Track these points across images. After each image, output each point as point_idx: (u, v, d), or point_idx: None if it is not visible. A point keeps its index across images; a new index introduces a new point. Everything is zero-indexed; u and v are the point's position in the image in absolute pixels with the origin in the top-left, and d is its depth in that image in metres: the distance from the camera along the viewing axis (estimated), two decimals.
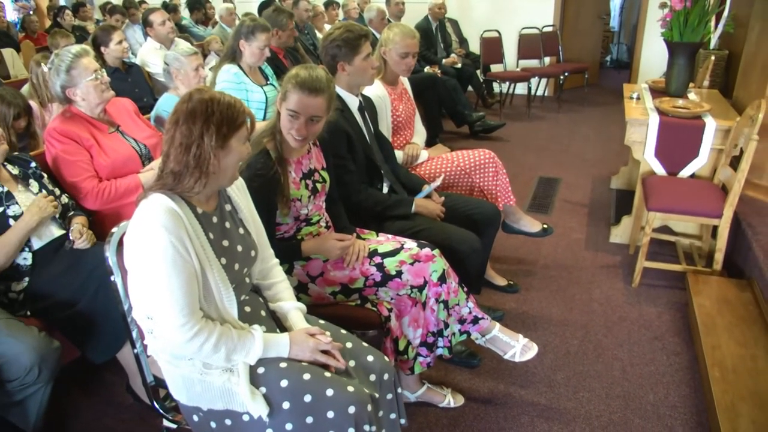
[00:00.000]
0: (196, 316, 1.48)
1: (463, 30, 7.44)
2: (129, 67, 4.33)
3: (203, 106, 1.46)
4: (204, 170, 1.48)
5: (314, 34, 6.16)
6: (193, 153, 1.45)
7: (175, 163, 1.47)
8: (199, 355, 1.51)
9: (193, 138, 1.45)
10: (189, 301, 1.46)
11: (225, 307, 1.57)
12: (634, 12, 9.30)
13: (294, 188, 2.05)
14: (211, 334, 1.49)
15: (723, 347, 2.45)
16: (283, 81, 1.98)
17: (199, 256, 1.50)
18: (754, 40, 3.64)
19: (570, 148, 5.73)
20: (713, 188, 3.12)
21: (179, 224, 1.46)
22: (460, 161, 3.00)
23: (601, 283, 3.23)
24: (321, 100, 1.94)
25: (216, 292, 1.55)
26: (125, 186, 2.50)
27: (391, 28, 2.91)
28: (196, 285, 1.49)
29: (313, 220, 2.18)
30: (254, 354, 1.55)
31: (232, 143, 1.50)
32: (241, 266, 1.66)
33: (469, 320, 2.25)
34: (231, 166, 1.54)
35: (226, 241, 1.62)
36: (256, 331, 1.58)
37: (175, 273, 1.43)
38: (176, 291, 1.44)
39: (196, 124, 1.45)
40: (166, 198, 1.48)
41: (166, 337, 1.49)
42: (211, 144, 1.46)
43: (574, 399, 2.38)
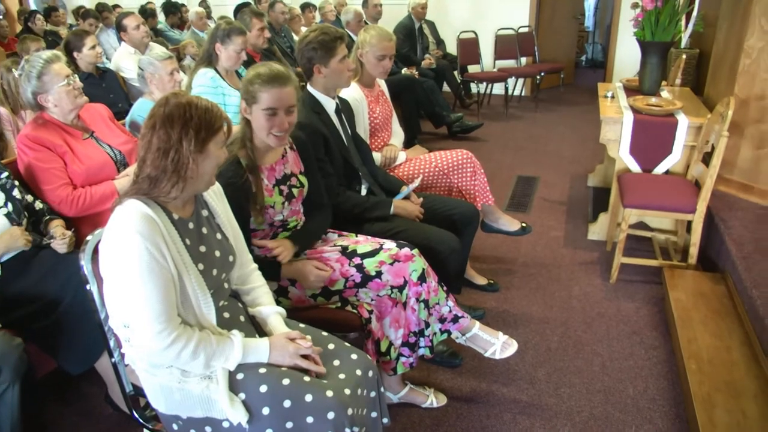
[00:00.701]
0: (173, 323, 1.47)
1: (440, 31, 7.47)
2: (103, 73, 4.29)
3: (181, 111, 1.45)
4: (182, 175, 1.47)
5: (291, 37, 6.15)
6: (171, 158, 1.44)
7: (152, 168, 1.46)
8: (178, 363, 1.50)
9: (172, 143, 1.44)
10: (166, 308, 1.45)
11: (203, 312, 1.56)
12: (608, 12, 9.43)
13: (267, 195, 2.05)
14: (190, 341, 1.48)
15: (699, 340, 2.49)
16: (243, 87, 1.98)
17: (175, 261, 1.49)
18: (723, 39, 3.71)
19: (547, 147, 5.79)
20: (687, 184, 3.18)
21: (155, 230, 1.45)
22: (438, 162, 3.02)
23: (580, 279, 3.27)
24: (291, 88, 1.96)
25: (194, 298, 1.53)
26: (100, 193, 2.47)
27: (368, 30, 2.91)
28: (173, 291, 1.48)
29: (290, 225, 2.17)
30: (233, 360, 1.54)
31: (210, 148, 1.49)
32: (219, 271, 1.65)
33: (449, 319, 2.26)
34: (209, 170, 1.53)
35: (203, 247, 1.61)
36: (235, 337, 1.57)
37: (151, 279, 1.42)
38: (153, 298, 1.42)
39: (174, 129, 1.44)
40: (142, 204, 1.47)
41: (144, 345, 1.47)
42: (189, 148, 1.44)
43: (556, 395, 2.40)
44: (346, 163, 2.56)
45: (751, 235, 2.95)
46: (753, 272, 2.63)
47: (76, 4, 8.57)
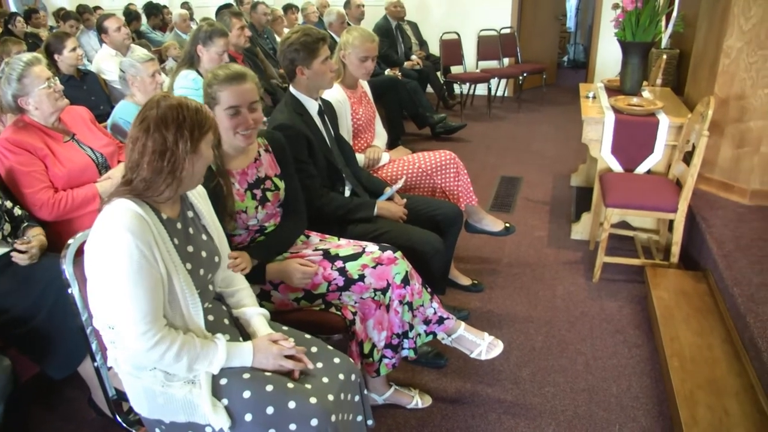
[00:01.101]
0: (158, 324, 1.46)
1: (423, 32, 7.49)
2: (84, 75, 4.24)
3: (174, 113, 1.46)
4: (177, 175, 1.48)
5: (273, 39, 6.13)
6: (168, 159, 1.45)
7: (148, 171, 1.46)
8: (161, 364, 1.49)
9: (168, 145, 1.45)
10: (152, 309, 1.44)
11: (191, 313, 1.56)
12: (590, 13, 9.50)
13: (238, 200, 2.03)
14: (173, 343, 1.47)
15: (681, 338, 2.52)
16: (204, 90, 1.96)
17: (165, 261, 1.48)
18: (702, 39, 3.75)
19: (530, 147, 5.82)
20: (668, 183, 3.21)
21: (145, 229, 1.45)
22: (422, 163, 3.02)
23: (564, 279, 3.29)
24: (250, 84, 1.96)
25: (182, 298, 1.53)
26: (82, 196, 2.45)
27: (350, 31, 2.91)
28: (161, 292, 1.47)
29: (267, 230, 2.16)
30: (217, 363, 1.53)
31: (202, 147, 1.51)
32: (205, 272, 1.65)
33: (434, 321, 2.26)
34: (201, 170, 1.56)
35: (190, 247, 1.61)
36: (219, 341, 1.56)
37: (140, 279, 1.41)
38: (140, 298, 1.41)
39: (169, 131, 1.45)
40: (131, 203, 1.46)
41: (128, 346, 1.46)
42: (185, 149, 1.46)
43: (540, 394, 2.41)
44: (329, 165, 2.55)
45: (732, 233, 2.99)
46: (734, 270, 2.66)
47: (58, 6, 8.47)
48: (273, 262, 2.11)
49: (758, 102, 3.16)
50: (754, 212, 3.21)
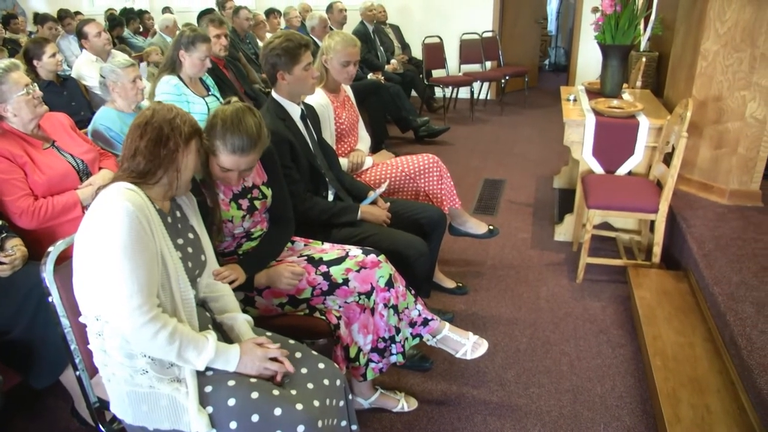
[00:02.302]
0: (152, 301, 1.48)
1: (405, 36, 7.53)
2: (64, 81, 4.20)
3: (167, 110, 1.59)
4: (173, 164, 1.57)
5: (256, 43, 6.12)
6: (164, 144, 1.55)
7: (145, 157, 1.54)
8: (154, 344, 1.47)
9: (164, 132, 1.54)
10: (148, 282, 1.46)
11: (182, 298, 1.58)
12: (570, 16, 9.59)
13: (223, 209, 2.03)
14: (167, 324, 1.48)
15: (663, 337, 2.54)
16: (209, 130, 1.86)
17: (159, 242, 1.52)
18: (680, 42, 3.81)
19: (513, 149, 5.86)
20: (649, 184, 3.24)
21: (144, 206, 1.50)
22: (405, 166, 3.03)
23: (547, 280, 3.31)
24: (253, 155, 1.90)
25: (174, 282, 1.56)
26: (63, 203, 2.42)
27: (332, 36, 2.91)
28: (156, 268, 1.50)
29: (254, 235, 2.16)
30: (206, 356, 1.53)
31: (192, 145, 1.61)
32: (193, 266, 1.68)
33: (419, 323, 2.27)
34: (190, 167, 1.63)
35: (180, 240, 1.66)
36: (209, 335, 1.58)
37: (139, 249, 1.44)
38: (138, 269, 1.43)
39: (165, 122, 1.56)
40: (129, 184, 1.53)
41: (121, 324, 1.45)
42: (180, 139, 1.56)
43: (525, 395, 2.43)
44: (312, 169, 2.55)
45: (711, 233, 3.03)
46: (714, 269, 2.69)
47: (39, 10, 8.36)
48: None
49: (735, 103, 3.21)
50: (733, 212, 3.25)
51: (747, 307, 2.39)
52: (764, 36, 3.04)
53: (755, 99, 3.15)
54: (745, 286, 2.54)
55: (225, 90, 4.19)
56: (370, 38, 6.65)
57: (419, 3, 7.94)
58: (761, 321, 2.29)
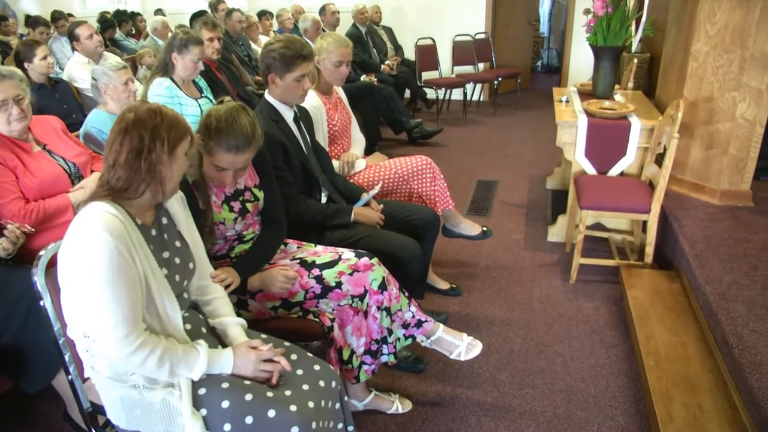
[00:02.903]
0: (138, 328, 1.44)
1: (398, 38, 7.54)
2: (55, 83, 4.18)
3: (150, 114, 1.48)
4: (155, 177, 1.48)
5: (248, 45, 6.11)
6: (145, 157, 1.45)
7: (125, 170, 1.46)
8: (143, 370, 1.47)
9: (145, 143, 1.45)
10: (132, 312, 1.42)
11: (169, 317, 1.55)
12: (562, 18, 9.63)
13: (216, 212, 2.02)
14: (156, 348, 1.45)
15: (656, 336, 2.56)
16: (203, 130, 1.88)
17: (142, 264, 1.47)
18: (671, 44, 3.83)
19: (506, 150, 5.88)
20: (641, 185, 3.26)
21: (123, 231, 1.44)
22: (398, 168, 3.03)
23: (541, 281, 3.32)
24: (248, 153, 1.91)
25: (159, 302, 1.52)
26: (54, 206, 2.41)
27: (325, 37, 2.91)
28: (140, 295, 1.46)
29: (246, 238, 2.15)
30: (198, 369, 1.52)
31: (178, 151, 1.51)
32: (181, 278, 1.64)
33: (413, 324, 2.27)
34: (177, 175, 1.55)
35: (166, 253, 1.61)
36: (200, 347, 1.56)
37: (120, 280, 1.40)
38: (121, 300, 1.40)
39: (146, 130, 1.46)
40: (108, 205, 1.46)
41: (108, 352, 1.44)
42: (162, 149, 1.47)
43: (519, 396, 2.43)
44: (305, 171, 2.54)
45: (703, 233, 3.04)
46: (705, 269, 2.71)
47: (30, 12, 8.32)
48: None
49: (725, 104, 3.23)
50: (724, 212, 3.27)
51: (738, 306, 2.41)
52: (753, 37, 3.06)
53: (745, 100, 3.17)
54: (736, 286, 2.55)
55: (218, 92, 4.19)
56: (363, 40, 6.66)
57: (412, 5, 7.95)
58: (752, 320, 2.30)
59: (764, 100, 3.15)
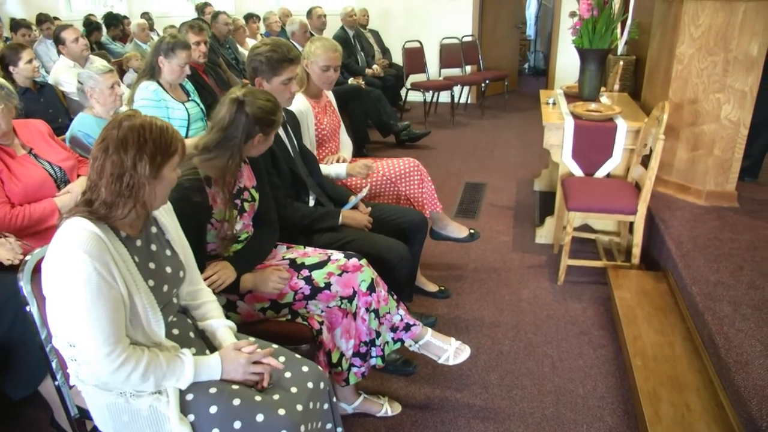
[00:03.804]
0: (122, 344, 1.43)
1: (385, 41, 7.56)
2: (41, 87, 4.15)
3: (135, 135, 1.40)
4: (138, 199, 1.44)
5: (236, 48, 6.10)
6: (126, 183, 1.40)
7: (107, 194, 1.41)
8: (127, 385, 1.46)
9: (126, 168, 1.40)
10: (114, 330, 1.40)
11: (153, 330, 1.53)
12: (549, 21, 9.68)
13: (221, 208, 2.02)
14: (139, 363, 1.44)
15: (643, 337, 2.57)
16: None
17: (125, 280, 1.45)
18: (656, 46, 3.86)
19: (494, 152, 5.90)
20: (627, 186, 3.28)
21: (103, 249, 1.40)
22: (386, 171, 3.03)
23: (529, 282, 3.33)
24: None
25: (143, 316, 1.50)
26: (40, 211, 2.39)
27: (314, 41, 2.91)
28: (122, 312, 1.44)
29: (241, 238, 2.15)
30: (185, 379, 1.51)
31: (164, 172, 1.46)
32: (169, 288, 1.62)
33: (401, 328, 2.27)
34: (162, 193, 1.51)
35: (152, 264, 1.58)
36: (185, 356, 1.54)
37: (99, 301, 1.37)
38: (102, 319, 1.38)
39: (128, 154, 1.39)
40: (88, 222, 1.42)
41: (92, 368, 1.43)
42: (145, 174, 1.41)
43: (508, 398, 2.44)
44: (293, 175, 2.54)
45: (689, 233, 3.07)
46: (692, 269, 2.73)
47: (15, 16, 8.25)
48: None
49: (710, 106, 3.26)
50: (710, 212, 3.31)
51: (724, 306, 2.43)
52: (737, 40, 3.10)
53: (729, 101, 3.21)
54: (722, 286, 2.58)
55: (205, 95, 4.17)
56: (351, 43, 6.67)
57: (399, 8, 7.97)
58: (738, 319, 2.33)
59: (748, 101, 3.19)
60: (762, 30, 3.06)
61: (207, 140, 1.98)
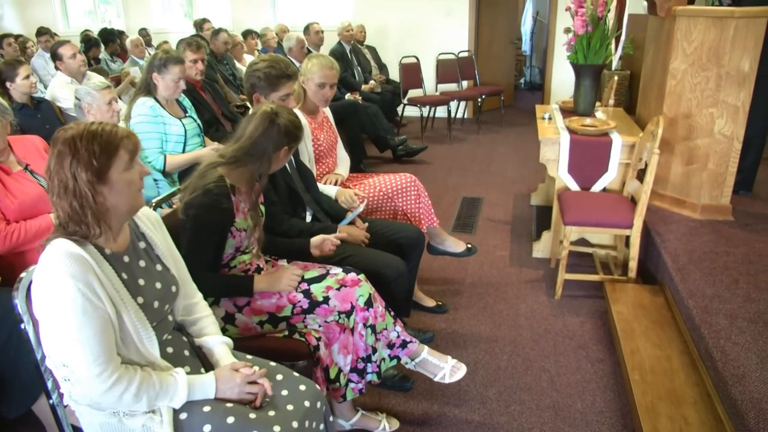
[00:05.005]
0: (113, 364, 1.42)
1: (382, 56, 7.61)
2: (38, 103, 4.16)
3: (67, 147, 1.39)
4: (95, 210, 1.41)
5: (233, 65, 6.13)
6: (74, 194, 1.39)
7: (63, 211, 1.41)
8: (120, 405, 1.45)
9: (68, 180, 1.38)
10: (104, 349, 1.40)
11: (146, 347, 1.52)
12: (544, 36, 9.76)
13: (242, 218, 2.04)
14: (131, 383, 1.43)
15: (641, 351, 2.57)
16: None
17: (112, 298, 1.44)
18: (650, 61, 3.90)
19: (491, 167, 5.92)
20: (623, 200, 3.30)
21: (86, 269, 1.40)
22: (382, 186, 3.04)
23: (527, 297, 3.33)
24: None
25: (134, 333, 1.49)
26: (36, 227, 2.39)
27: (311, 58, 2.94)
28: (111, 331, 1.43)
29: (247, 250, 2.16)
30: (179, 399, 1.50)
31: (111, 175, 1.42)
32: (161, 304, 1.61)
33: (397, 344, 2.27)
34: (123, 196, 1.46)
35: (141, 280, 1.57)
36: (178, 375, 1.53)
37: (87, 322, 1.37)
38: (90, 340, 1.37)
39: (65, 166, 1.38)
40: (70, 243, 1.41)
41: (84, 388, 1.42)
42: (86, 181, 1.38)
43: (507, 413, 2.43)
44: (290, 191, 2.55)
45: (685, 247, 3.08)
46: (688, 283, 2.74)
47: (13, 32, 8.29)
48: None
49: (704, 120, 3.29)
50: (705, 226, 3.32)
51: (721, 319, 2.43)
52: (728, 55, 3.13)
53: (722, 116, 3.23)
54: (718, 299, 2.58)
55: (202, 112, 4.19)
56: (347, 58, 6.72)
57: (396, 24, 8.03)
58: (734, 333, 2.33)
59: (740, 116, 3.21)
60: (752, 46, 3.10)
61: (236, 149, 2.03)
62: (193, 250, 1.93)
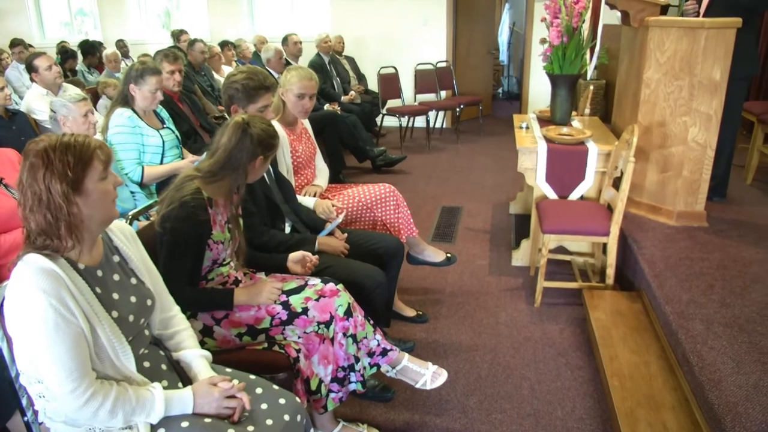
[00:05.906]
0: (88, 379, 1.40)
1: (361, 67, 7.64)
2: (13, 115, 4.10)
3: (39, 159, 1.37)
4: (69, 222, 1.40)
5: (211, 75, 6.11)
6: (47, 206, 1.37)
7: (36, 224, 1.39)
8: (95, 421, 1.43)
9: (41, 192, 1.37)
10: (78, 365, 1.38)
11: (122, 362, 1.50)
12: (521, 47, 9.86)
13: (219, 231, 2.03)
14: (107, 399, 1.41)
15: (620, 357, 2.60)
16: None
17: (86, 313, 1.42)
18: (624, 71, 3.96)
19: (470, 177, 5.95)
20: (600, 208, 3.34)
21: (59, 284, 1.38)
22: (361, 196, 3.04)
23: (506, 305, 3.35)
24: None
25: (109, 348, 1.47)
26: (10, 242, 2.36)
27: (290, 70, 2.94)
28: (84, 346, 1.41)
29: (225, 262, 2.15)
30: (156, 414, 1.48)
31: (86, 185, 1.42)
32: (137, 318, 1.59)
33: (378, 353, 2.26)
34: (99, 206, 1.46)
35: (116, 294, 1.55)
36: (155, 390, 1.51)
37: (59, 337, 1.35)
38: (63, 356, 1.36)
39: (37, 177, 1.37)
40: (41, 258, 1.39)
41: (58, 404, 1.40)
42: (60, 192, 1.37)
43: (488, 422, 2.43)
44: (268, 202, 2.54)
45: (662, 253, 3.12)
46: (665, 289, 2.77)
47: None
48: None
49: (677, 129, 3.34)
50: (681, 232, 3.37)
51: (697, 324, 2.46)
52: (700, 65, 3.19)
53: (696, 124, 3.29)
54: (694, 304, 2.61)
55: (180, 123, 4.16)
56: (326, 69, 6.73)
57: (374, 35, 8.07)
58: (710, 338, 2.36)
59: (713, 124, 3.27)
60: (723, 55, 3.16)
61: (211, 163, 2.02)
62: (170, 263, 1.92)
